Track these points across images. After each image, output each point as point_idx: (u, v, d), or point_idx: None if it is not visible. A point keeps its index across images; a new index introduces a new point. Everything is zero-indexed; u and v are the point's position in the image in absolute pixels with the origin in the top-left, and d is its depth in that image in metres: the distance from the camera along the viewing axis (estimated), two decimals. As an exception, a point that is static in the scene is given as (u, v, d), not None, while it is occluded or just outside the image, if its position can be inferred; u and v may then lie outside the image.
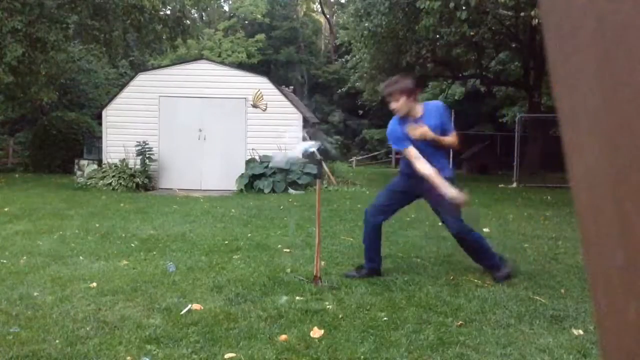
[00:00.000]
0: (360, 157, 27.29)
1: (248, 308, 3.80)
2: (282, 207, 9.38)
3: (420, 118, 4.43)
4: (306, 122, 13.70)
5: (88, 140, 14.86)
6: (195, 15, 30.87)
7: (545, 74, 15.95)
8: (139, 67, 23.22)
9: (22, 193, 11.01)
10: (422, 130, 4.37)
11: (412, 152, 4.36)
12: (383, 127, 28.83)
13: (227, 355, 3.02)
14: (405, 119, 4.42)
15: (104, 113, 13.32)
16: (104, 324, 3.48)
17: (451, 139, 4.50)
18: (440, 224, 5.04)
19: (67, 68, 18.44)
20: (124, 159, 12.64)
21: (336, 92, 28.45)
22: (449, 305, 3.91)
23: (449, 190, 4.19)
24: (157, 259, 5.32)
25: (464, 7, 11.29)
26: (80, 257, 5.36)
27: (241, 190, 12.32)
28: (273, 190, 12.12)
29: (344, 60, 23.17)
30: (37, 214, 8.14)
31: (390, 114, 4.52)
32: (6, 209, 8.56)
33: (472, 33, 13.42)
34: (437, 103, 4.71)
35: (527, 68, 18.86)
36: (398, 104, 4.37)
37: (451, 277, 4.70)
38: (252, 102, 13.12)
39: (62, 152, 16.98)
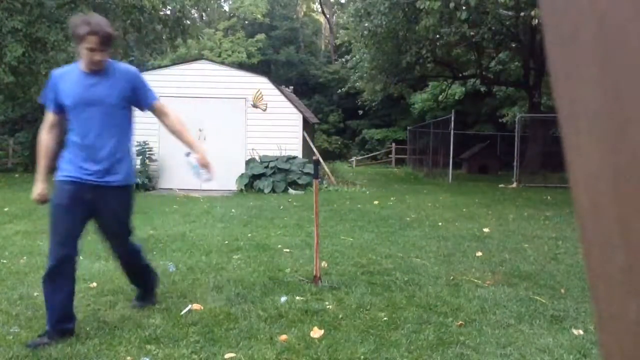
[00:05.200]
0: (360, 157, 27.28)
1: (248, 308, 3.80)
2: (282, 207, 9.38)
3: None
4: (306, 122, 13.70)
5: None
6: (195, 15, 30.85)
7: (545, 74, 15.96)
8: (139, 67, 23.20)
9: (22, 193, 11.00)
10: None
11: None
12: (383, 127, 28.88)
13: (227, 355, 3.02)
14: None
15: (104, 113, 13.31)
16: (104, 324, 3.48)
17: None
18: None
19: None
20: (124, 159, 12.63)
21: (336, 92, 28.44)
22: (449, 305, 3.90)
23: None
24: (157, 259, 5.32)
25: (464, 7, 11.29)
26: (80, 257, 5.35)
27: (241, 190, 12.33)
28: (273, 190, 12.12)
29: (344, 60, 23.17)
30: (37, 214, 8.14)
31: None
32: (6, 209, 8.56)
33: (472, 33, 13.42)
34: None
35: (527, 68, 18.87)
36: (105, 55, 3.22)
37: (451, 277, 4.70)
38: (252, 102, 13.12)
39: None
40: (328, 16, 38.22)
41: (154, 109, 3.55)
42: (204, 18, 36.68)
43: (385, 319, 3.61)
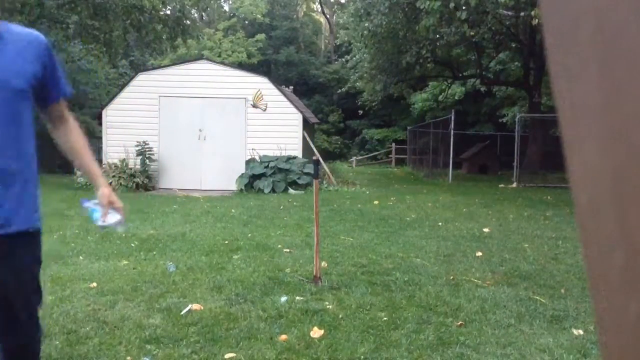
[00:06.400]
0: (360, 157, 27.28)
1: (248, 308, 3.80)
2: (282, 207, 9.38)
3: None
4: (306, 122, 13.70)
5: (88, 141, 14.84)
6: (195, 15, 30.86)
7: (545, 74, 15.96)
8: (139, 67, 23.22)
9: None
10: None
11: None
12: (383, 127, 28.88)
13: (227, 355, 3.02)
14: None
15: (103, 113, 13.31)
16: (104, 324, 3.48)
17: None
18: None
19: (67, 68, 18.43)
20: (124, 159, 12.64)
21: (336, 92, 28.44)
22: (449, 305, 3.90)
23: None
24: (157, 259, 5.32)
25: (464, 7, 11.29)
26: (80, 257, 5.36)
27: (241, 190, 12.33)
28: (273, 190, 12.12)
29: (344, 60, 23.17)
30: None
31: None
32: (6, 209, 8.56)
33: (472, 33, 13.42)
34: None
35: (527, 68, 18.87)
36: None
37: (451, 277, 4.70)
38: (252, 102, 13.12)
39: (62, 152, 16.95)
40: (328, 16, 38.22)
41: (58, 108, 2.15)
42: (204, 18, 36.70)
43: (385, 319, 3.61)
